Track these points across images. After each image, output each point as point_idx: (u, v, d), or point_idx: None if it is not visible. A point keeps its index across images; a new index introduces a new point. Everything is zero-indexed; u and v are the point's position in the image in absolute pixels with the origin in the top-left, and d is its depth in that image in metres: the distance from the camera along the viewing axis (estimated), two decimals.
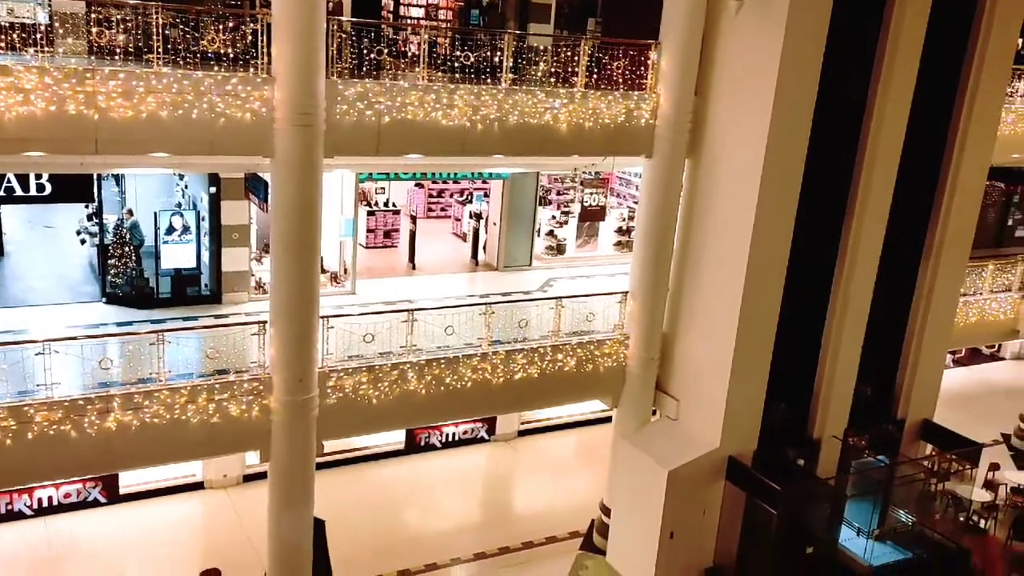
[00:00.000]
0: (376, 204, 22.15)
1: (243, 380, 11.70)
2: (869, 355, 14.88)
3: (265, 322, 11.92)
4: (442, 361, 13.05)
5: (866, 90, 13.54)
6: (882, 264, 14.41)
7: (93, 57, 11.15)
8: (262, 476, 13.33)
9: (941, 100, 14.54)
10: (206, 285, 16.09)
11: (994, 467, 18.24)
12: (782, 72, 12.31)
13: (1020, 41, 19.29)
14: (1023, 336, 19.64)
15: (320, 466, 13.01)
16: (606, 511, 15.39)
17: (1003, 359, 26.62)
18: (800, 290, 13.86)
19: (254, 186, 15.41)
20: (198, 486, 16.29)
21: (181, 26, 10.90)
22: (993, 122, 15.01)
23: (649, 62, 13.60)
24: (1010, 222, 24.13)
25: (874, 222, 14.04)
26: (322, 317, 12.15)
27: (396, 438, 18.17)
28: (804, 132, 12.87)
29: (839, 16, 12.59)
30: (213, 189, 15.66)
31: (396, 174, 17.76)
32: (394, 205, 22.43)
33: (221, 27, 11.11)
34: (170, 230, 15.85)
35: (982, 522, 16.85)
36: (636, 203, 16.05)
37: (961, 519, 16.13)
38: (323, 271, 16.00)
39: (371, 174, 17.73)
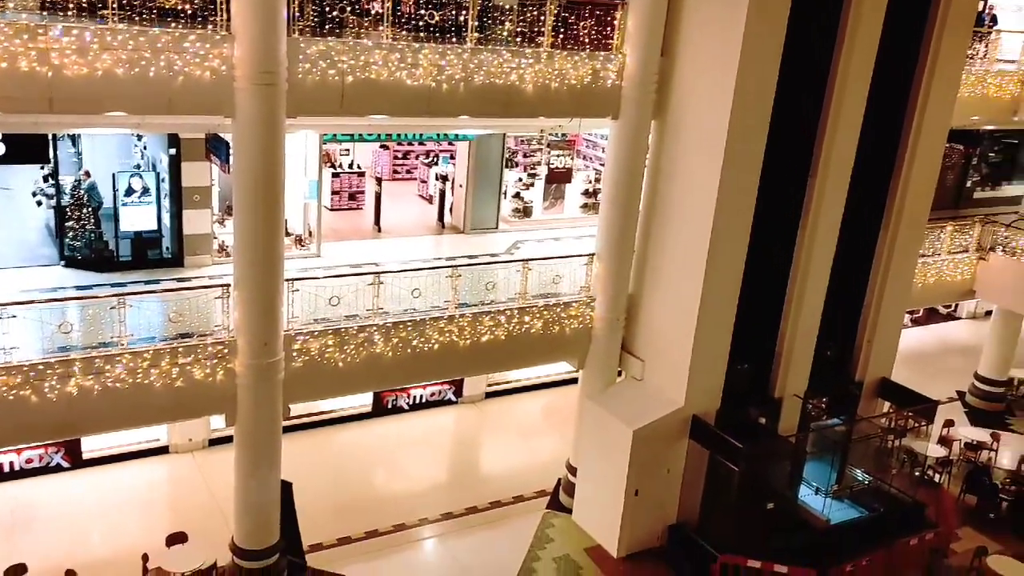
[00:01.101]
0: (340, 166, 21.89)
1: (207, 344, 11.60)
2: (830, 316, 15.13)
3: (229, 285, 11.79)
4: (409, 324, 13.04)
5: (830, 51, 13.59)
6: (844, 226, 14.60)
7: (45, 13, 10.80)
8: (228, 440, 13.29)
9: (903, 62, 14.64)
10: (167, 248, 15.85)
11: (949, 423, 18.75)
12: (747, 32, 12.31)
13: (980, 3, 19.48)
14: (979, 296, 20.10)
15: (287, 429, 13.01)
16: (572, 470, 15.59)
17: (959, 318, 27.23)
18: (763, 252, 14.00)
19: (216, 147, 15.13)
20: (163, 450, 16.20)
21: None
22: (953, 84, 15.18)
23: (615, 22, 13.51)
24: (969, 184, 24.55)
25: (836, 184, 14.19)
26: (287, 280, 12.05)
27: (363, 401, 18.19)
28: (769, 93, 12.92)
29: None
30: (173, 150, 15.35)
31: (361, 135, 17.53)
32: (359, 167, 22.19)
33: None
34: (129, 192, 15.55)
35: (936, 477, 17.36)
36: (603, 165, 16.04)
37: (916, 474, 16.61)
38: (287, 234, 15.83)
39: (335, 135, 17.50)
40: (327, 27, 11.83)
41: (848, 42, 13.43)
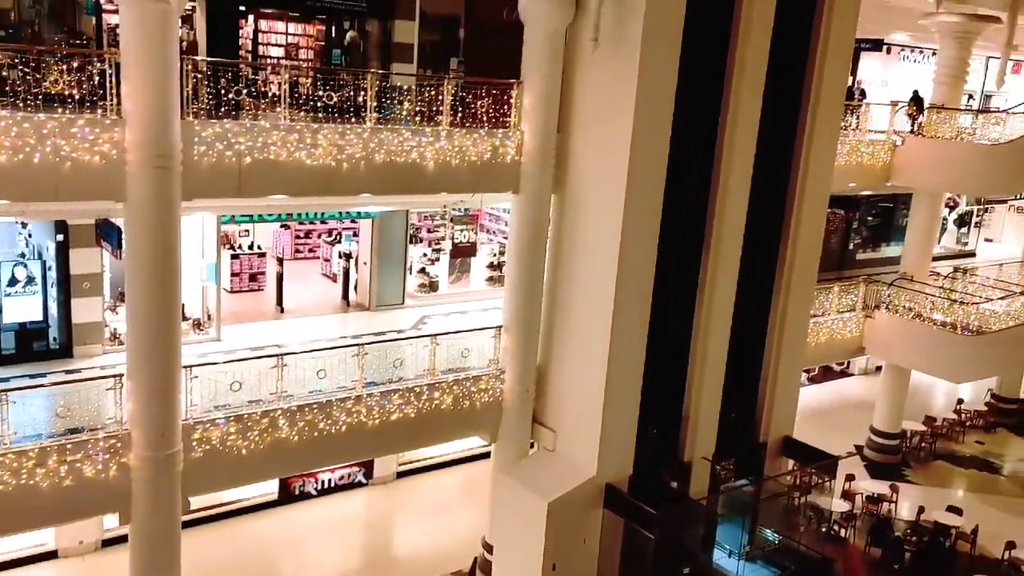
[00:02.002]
0: (240, 247, 21.46)
1: (98, 438, 10.99)
2: (732, 378, 15.54)
3: (122, 375, 11.27)
4: (315, 406, 12.70)
5: (716, 126, 14.29)
6: (739, 292, 15.14)
7: None
8: (123, 540, 12.49)
9: (783, 136, 15.51)
10: (55, 339, 15.08)
11: (850, 478, 19.36)
12: (638, 107, 12.86)
13: (850, 79, 20.93)
14: (868, 352, 21.05)
15: (187, 524, 12.35)
16: (488, 548, 15.30)
17: (852, 375, 28.40)
18: (665, 319, 14.36)
19: (106, 232, 14.63)
20: (51, 555, 15.13)
21: (21, 67, 10.30)
22: (830, 154, 16.14)
23: (512, 101, 13.88)
24: (851, 246, 25.92)
25: (729, 253, 14.75)
26: (185, 367, 11.61)
27: (269, 488, 17.48)
28: (661, 168, 13.44)
29: (689, 55, 13.28)
30: (60, 236, 14.76)
31: (260, 216, 17.28)
32: (259, 247, 21.81)
33: (65, 67, 10.56)
34: (12, 282, 14.80)
35: (842, 532, 17.80)
36: (506, 238, 16.25)
37: (823, 530, 16.99)
38: (185, 318, 15.32)
39: (234, 216, 17.19)
40: (223, 109, 11.73)
41: (732, 118, 14.17)
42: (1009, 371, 24.56)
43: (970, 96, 26.62)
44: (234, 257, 20.70)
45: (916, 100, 20.10)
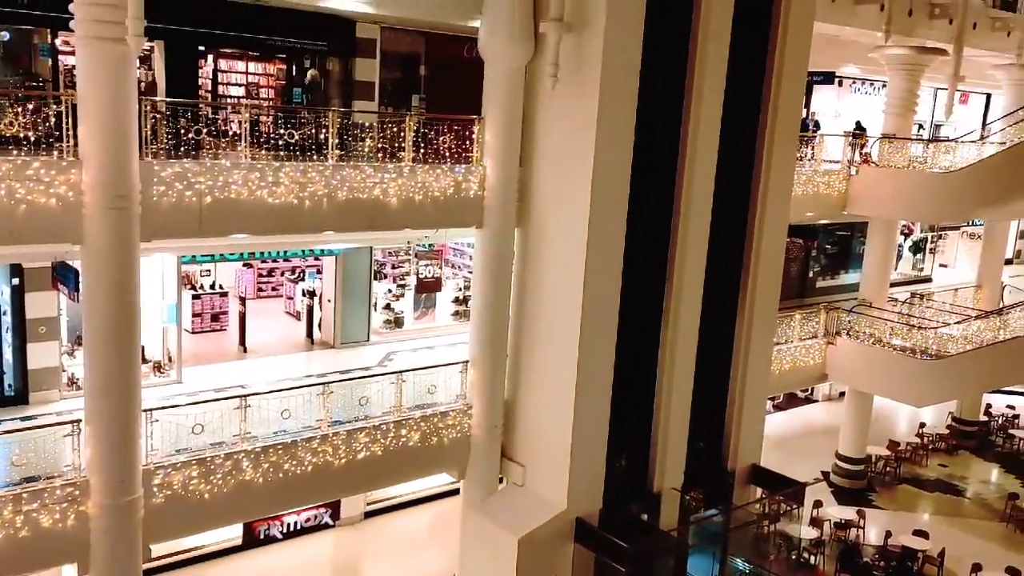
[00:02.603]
0: (202, 287, 21.19)
1: (56, 487, 10.70)
2: (699, 408, 15.61)
3: (79, 421, 11.01)
4: (279, 447, 12.50)
5: (676, 157, 14.50)
6: (703, 322, 15.27)
7: None
8: None
9: (741, 167, 15.78)
10: (10, 385, 14.70)
11: (818, 504, 19.46)
12: (599, 140, 13.03)
13: (804, 111, 21.41)
14: (831, 378, 21.30)
15: (148, 573, 12.03)
16: None
17: (816, 401, 28.68)
18: (632, 349, 14.42)
19: (63, 275, 14.35)
20: None
21: None
22: (787, 184, 16.44)
23: (474, 136, 13.98)
24: (811, 274, 26.33)
25: (692, 282, 14.90)
26: (145, 410, 11.38)
27: (233, 533, 17.09)
28: (623, 197, 13.59)
29: (647, 89, 13.50)
30: (15, 280, 14.46)
31: (222, 255, 17.11)
32: (221, 287, 21.55)
33: (21, 109, 10.43)
34: None
35: (812, 559, 17.86)
36: (471, 272, 16.25)
37: (793, 558, 17.03)
38: (145, 361, 15.05)
39: (195, 256, 16.99)
40: (183, 148, 11.65)
41: (691, 150, 14.39)
42: (968, 394, 24.98)
43: (920, 126, 27.33)
44: (195, 297, 20.43)
45: (859, 129, 20.60)
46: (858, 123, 21.46)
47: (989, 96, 30.40)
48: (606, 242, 13.51)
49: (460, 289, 22.35)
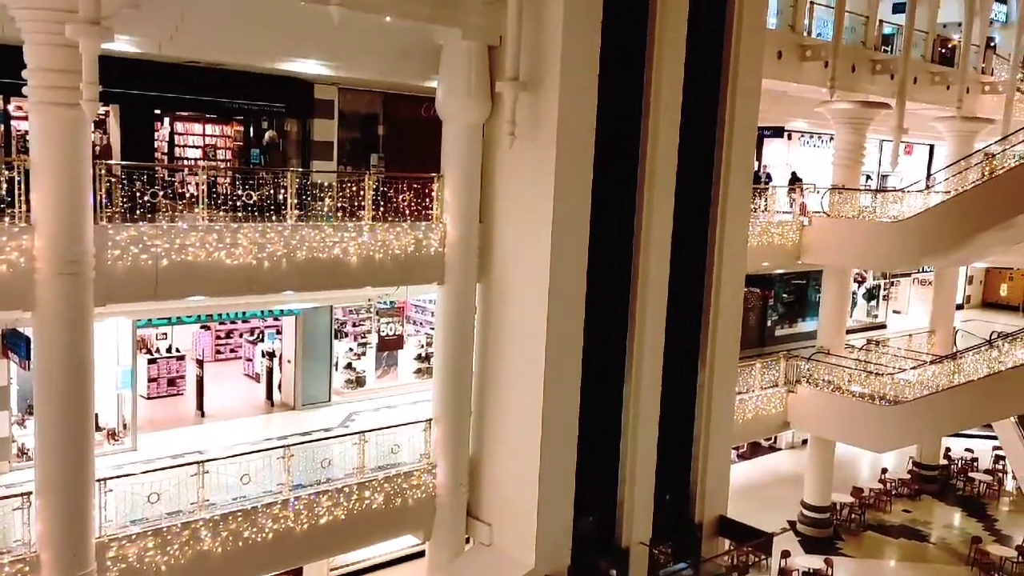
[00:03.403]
0: (158, 351, 20.78)
1: (3, 563, 10.26)
2: (665, 461, 15.57)
3: (30, 493, 10.63)
4: (239, 514, 12.18)
5: (634, 211, 14.71)
6: (665, 374, 15.33)
7: None
8: None
9: (698, 218, 16.04)
10: None
11: (785, 554, 19.40)
12: (557, 195, 13.20)
13: (756, 164, 21.93)
14: (793, 426, 21.44)
15: None
16: None
17: (780, 449, 28.79)
18: (596, 403, 14.40)
19: (14, 343, 14.02)
20: None
21: None
22: (742, 236, 16.74)
23: (433, 193, 14.06)
24: (769, 323, 26.67)
25: (654, 335, 15.00)
26: (98, 480, 11.03)
27: None
28: (583, 251, 13.72)
29: (603, 145, 13.75)
30: None
31: (179, 318, 16.85)
32: (178, 350, 21.16)
33: None
34: None
35: None
36: (433, 329, 16.19)
37: None
38: (98, 428, 14.63)
39: (151, 320, 16.70)
40: (139, 211, 11.53)
41: (648, 204, 14.62)
42: (927, 438, 25.29)
43: (868, 176, 28.14)
44: (151, 362, 20.01)
45: (794, 180, 21.12)
46: (793, 174, 22.02)
47: (932, 147, 31.47)
48: (568, 297, 13.59)
49: (422, 346, 22.21)
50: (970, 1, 23.07)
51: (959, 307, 30.70)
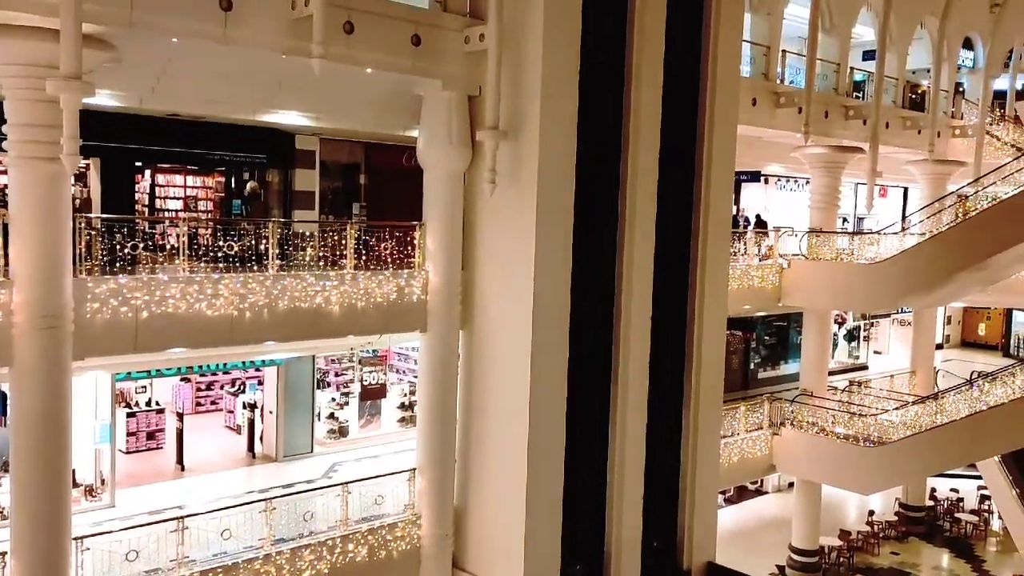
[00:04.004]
0: (137, 404, 20.50)
1: None
2: (651, 506, 15.44)
3: (5, 553, 10.37)
4: (219, 570, 11.93)
5: (615, 257, 14.80)
6: (650, 419, 15.28)
7: None
8: None
9: (678, 264, 16.15)
10: None
11: None
12: (539, 241, 13.27)
13: (735, 208, 22.19)
14: (779, 469, 21.38)
15: None
16: None
17: (767, 492, 28.65)
18: (582, 450, 14.31)
19: None
20: None
21: None
22: (723, 279, 16.85)
23: (415, 241, 14.10)
24: (752, 366, 26.74)
25: (637, 381, 14.98)
26: (75, 538, 10.79)
27: None
28: (565, 296, 13.75)
29: (584, 191, 13.87)
30: None
31: (159, 371, 16.67)
32: (157, 403, 20.88)
33: None
34: None
35: None
36: (416, 377, 16.11)
37: None
38: (75, 485, 14.34)
39: (130, 373, 16.51)
40: (119, 264, 11.48)
41: (628, 250, 14.70)
42: (912, 479, 25.28)
43: (845, 219, 28.54)
44: (130, 415, 19.72)
45: (759, 224, 21.36)
46: (757, 216, 22.28)
47: (907, 189, 32.01)
48: (551, 343, 13.58)
49: (405, 395, 22.06)
50: (938, 48, 23.71)
51: (939, 347, 30.97)
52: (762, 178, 26.98)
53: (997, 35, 26.36)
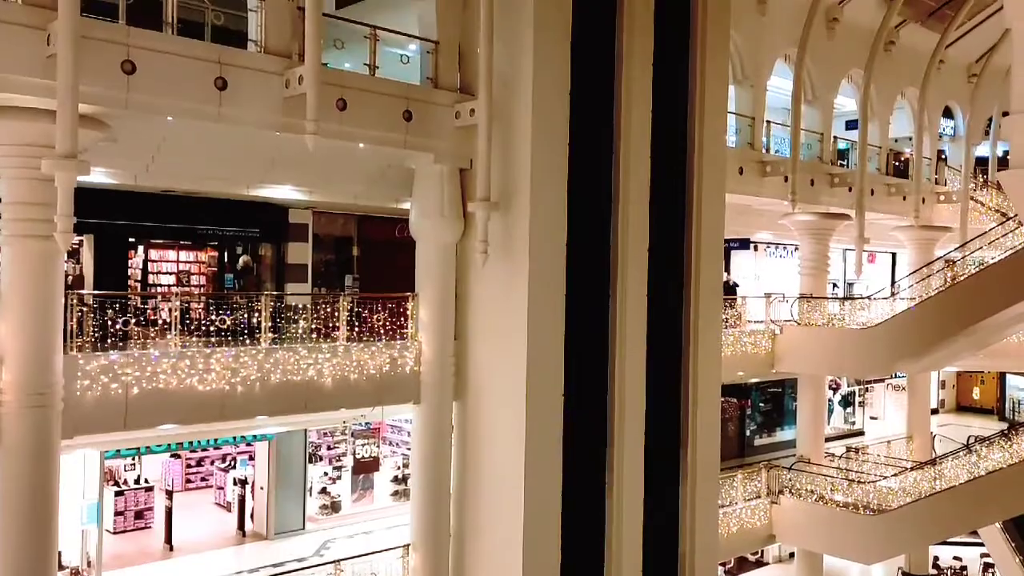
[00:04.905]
0: (125, 482, 20.16)
1: None
2: None
3: None
4: None
5: (607, 328, 14.79)
6: (646, 490, 15.06)
7: None
8: None
9: (671, 332, 16.14)
10: None
11: None
12: (531, 313, 13.27)
13: (724, 275, 22.32)
14: (779, 539, 21.01)
15: None
16: None
17: (767, 564, 28.07)
18: (577, 523, 14.05)
19: None
20: None
21: None
22: (716, 345, 16.82)
23: (408, 312, 14.11)
24: (748, 433, 26.54)
25: (632, 451, 14.80)
26: None
27: None
28: (559, 369, 13.69)
29: (575, 260, 13.95)
30: None
31: (148, 448, 16.44)
32: (146, 481, 20.54)
33: None
34: None
35: None
36: (410, 450, 15.93)
37: None
38: (61, 567, 14.00)
39: (119, 450, 16.28)
40: (110, 339, 11.43)
41: (620, 319, 14.70)
42: (915, 547, 24.81)
43: (835, 284, 28.72)
44: (118, 494, 19.38)
45: (730, 290, 21.48)
46: (728, 282, 22.45)
47: (895, 255, 32.34)
48: (546, 413, 13.47)
49: (399, 468, 21.78)
50: (918, 117, 24.27)
51: (934, 411, 30.81)
52: (752, 245, 27.24)
53: (975, 104, 27.05)
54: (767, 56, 20.32)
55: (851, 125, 25.17)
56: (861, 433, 30.25)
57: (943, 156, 27.40)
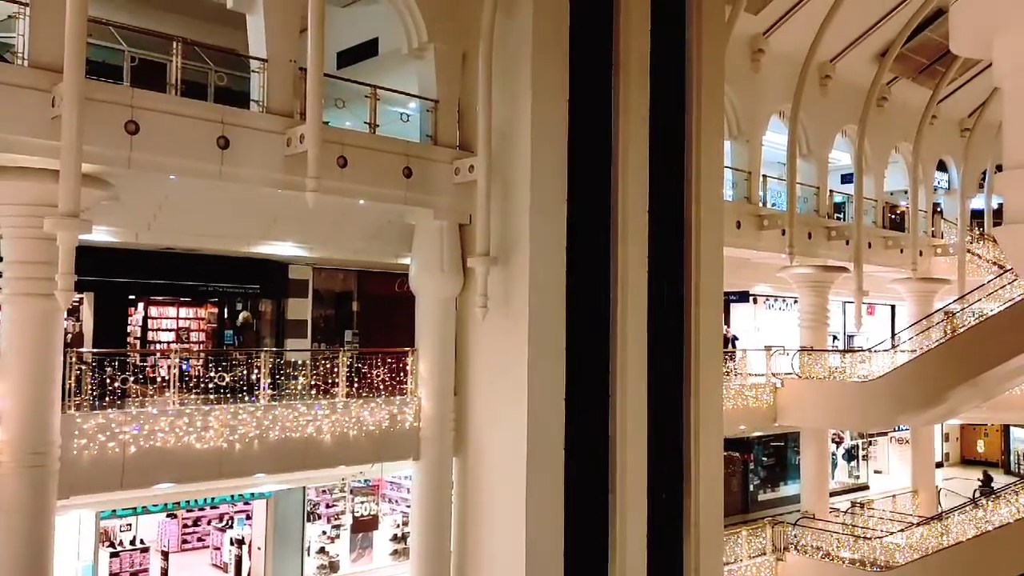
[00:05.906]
0: (121, 543, 19.84)
1: None
2: None
3: None
4: None
5: (608, 384, 14.72)
6: (649, 548, 14.82)
7: None
8: None
9: (672, 387, 16.06)
10: None
11: None
12: (531, 367, 13.25)
13: (724, 328, 22.29)
14: None
15: None
16: None
17: None
18: None
19: None
20: None
21: None
22: (717, 400, 16.71)
23: (408, 368, 14.07)
24: (751, 488, 26.20)
25: (635, 508, 14.61)
26: None
27: None
28: (559, 424, 13.59)
29: (575, 315, 13.96)
30: None
31: (144, 507, 16.23)
32: (142, 542, 20.20)
33: None
34: None
35: None
36: (409, 507, 15.72)
37: None
38: None
39: (115, 510, 16.06)
40: (108, 397, 11.38)
41: (620, 374, 14.64)
42: None
43: (835, 337, 28.66)
44: (113, 555, 19.00)
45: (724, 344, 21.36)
46: (727, 335, 22.43)
47: (894, 307, 32.35)
48: (546, 469, 13.33)
49: (398, 526, 21.46)
50: (913, 171, 24.53)
51: (939, 465, 30.49)
52: (751, 298, 27.27)
53: (969, 158, 27.36)
54: (762, 112, 20.63)
55: (847, 178, 25.43)
56: (866, 487, 29.85)
57: (939, 209, 27.61)
